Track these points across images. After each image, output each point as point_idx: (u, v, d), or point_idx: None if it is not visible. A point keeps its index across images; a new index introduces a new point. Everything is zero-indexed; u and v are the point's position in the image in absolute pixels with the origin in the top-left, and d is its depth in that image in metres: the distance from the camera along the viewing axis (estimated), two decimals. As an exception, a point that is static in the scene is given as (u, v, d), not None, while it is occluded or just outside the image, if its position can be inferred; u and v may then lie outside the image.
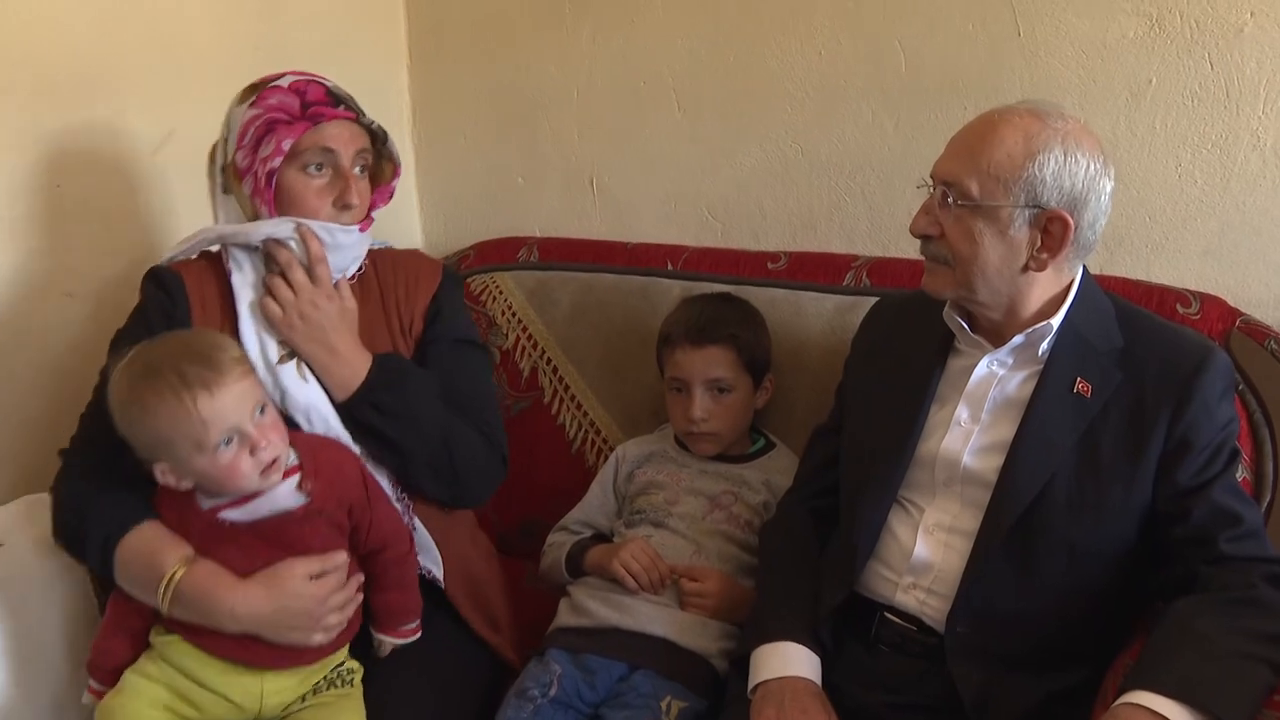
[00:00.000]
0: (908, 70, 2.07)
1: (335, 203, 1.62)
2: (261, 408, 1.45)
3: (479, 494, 1.75)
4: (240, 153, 1.60)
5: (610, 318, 2.22)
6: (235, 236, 1.62)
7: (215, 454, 1.41)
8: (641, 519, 1.88)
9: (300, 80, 1.62)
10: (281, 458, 1.45)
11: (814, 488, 1.76)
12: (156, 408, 1.39)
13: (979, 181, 1.43)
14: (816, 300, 2.04)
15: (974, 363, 1.55)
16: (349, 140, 1.61)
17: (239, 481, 1.43)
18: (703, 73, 2.28)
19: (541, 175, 2.54)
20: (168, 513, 1.50)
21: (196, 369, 1.39)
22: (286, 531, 1.48)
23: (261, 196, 1.60)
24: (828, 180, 2.20)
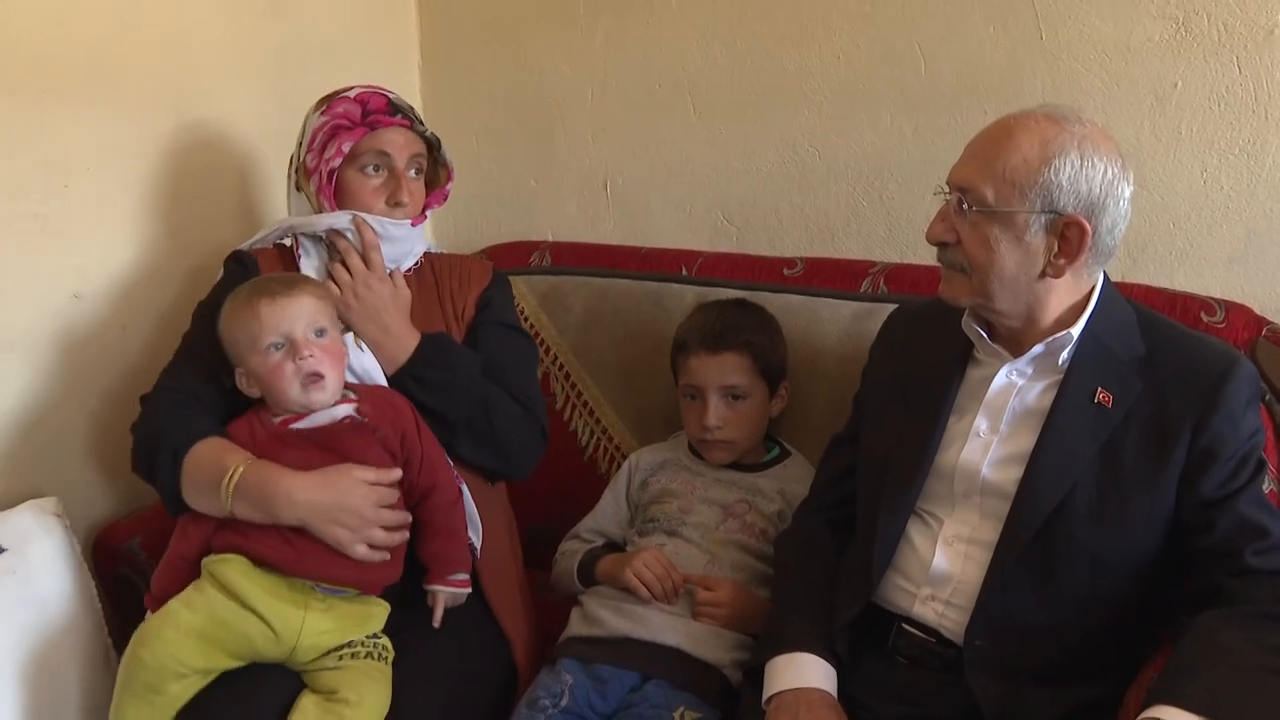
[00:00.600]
0: (927, 74, 2.08)
1: (388, 200, 1.81)
2: (322, 330, 1.63)
3: (520, 463, 1.86)
4: (310, 155, 1.81)
5: (624, 323, 2.22)
6: (302, 227, 1.82)
7: (265, 355, 1.60)
8: (655, 528, 1.89)
9: (366, 92, 1.83)
10: (329, 379, 1.61)
11: (830, 498, 1.76)
12: (235, 309, 1.64)
13: (994, 187, 1.44)
14: (833, 307, 2.04)
15: (993, 372, 1.55)
16: (403, 145, 1.81)
17: (281, 384, 1.60)
18: (719, 75, 2.29)
19: (554, 178, 2.55)
20: (239, 431, 1.64)
21: (273, 284, 1.65)
22: (342, 440, 1.61)
23: (324, 193, 1.80)
24: (845, 185, 2.21)
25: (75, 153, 1.91)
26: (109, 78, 1.95)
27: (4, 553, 1.72)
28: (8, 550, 1.73)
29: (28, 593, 1.72)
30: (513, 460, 1.84)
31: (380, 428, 1.64)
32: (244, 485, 1.55)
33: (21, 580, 1.72)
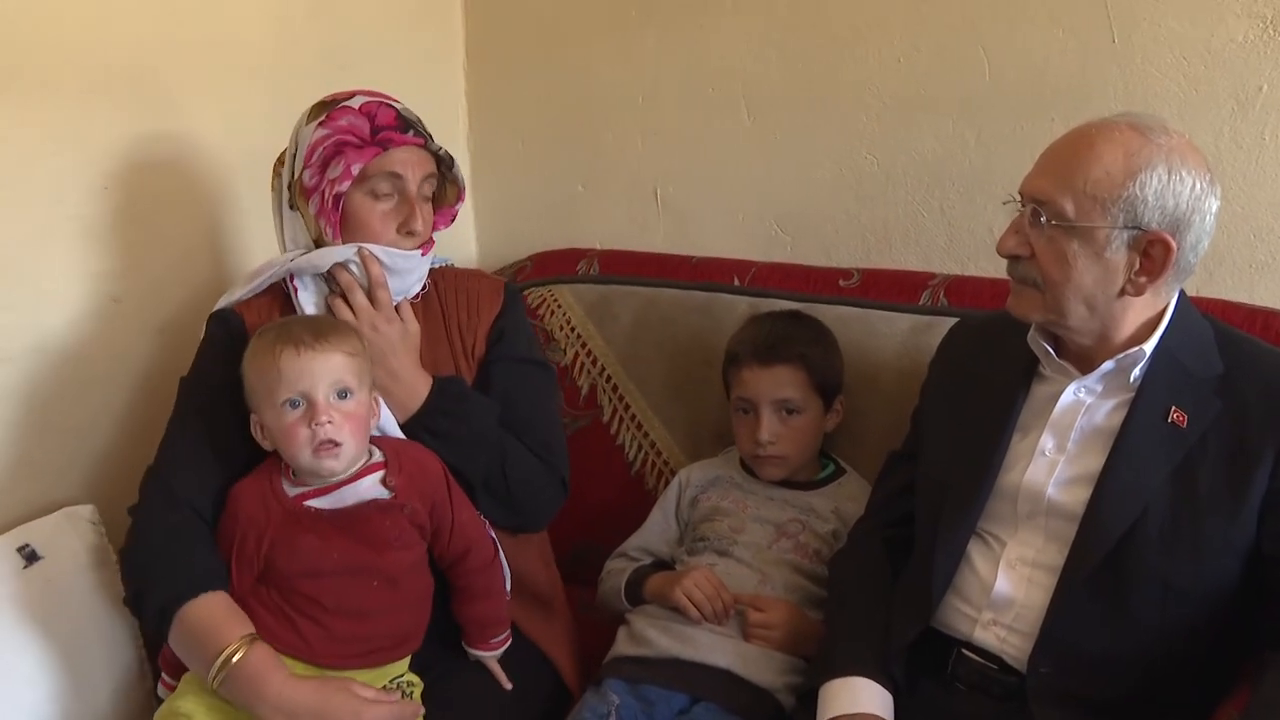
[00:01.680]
0: (991, 79, 2.07)
1: (400, 228, 1.70)
2: (345, 392, 1.54)
3: (536, 519, 1.83)
4: (308, 171, 1.68)
5: (673, 335, 2.23)
6: (304, 270, 1.71)
7: (280, 411, 1.53)
8: (705, 546, 1.89)
9: (371, 102, 1.69)
10: (346, 448, 1.54)
11: (887, 516, 1.76)
12: (258, 353, 1.56)
13: (1074, 200, 1.43)
14: (890, 320, 2.04)
15: (1060, 389, 1.54)
16: (416, 166, 1.69)
17: (292, 448, 1.53)
18: (774, 79, 2.29)
19: (603, 184, 2.55)
20: (249, 499, 1.58)
21: (301, 331, 1.56)
22: (367, 523, 1.56)
23: (327, 218, 1.68)
24: (904, 194, 2.21)
25: (115, 154, 1.94)
26: (150, 78, 1.98)
27: (39, 561, 1.74)
28: (44, 559, 1.75)
29: (61, 602, 1.74)
30: (528, 517, 1.81)
31: (409, 503, 1.58)
32: (236, 673, 1.49)
33: (56, 589, 1.74)
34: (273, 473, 1.60)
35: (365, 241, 1.68)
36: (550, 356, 2.31)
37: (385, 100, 1.72)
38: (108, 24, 1.90)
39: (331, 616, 1.55)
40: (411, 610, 1.62)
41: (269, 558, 1.56)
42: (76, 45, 1.86)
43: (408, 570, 1.60)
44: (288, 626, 1.55)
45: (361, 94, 1.71)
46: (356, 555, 1.56)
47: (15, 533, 1.77)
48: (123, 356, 2.00)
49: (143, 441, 1.99)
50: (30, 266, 1.84)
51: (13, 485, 1.86)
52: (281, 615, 1.55)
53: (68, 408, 1.93)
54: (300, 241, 1.74)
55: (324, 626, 1.55)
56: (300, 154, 1.69)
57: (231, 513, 1.60)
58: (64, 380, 1.92)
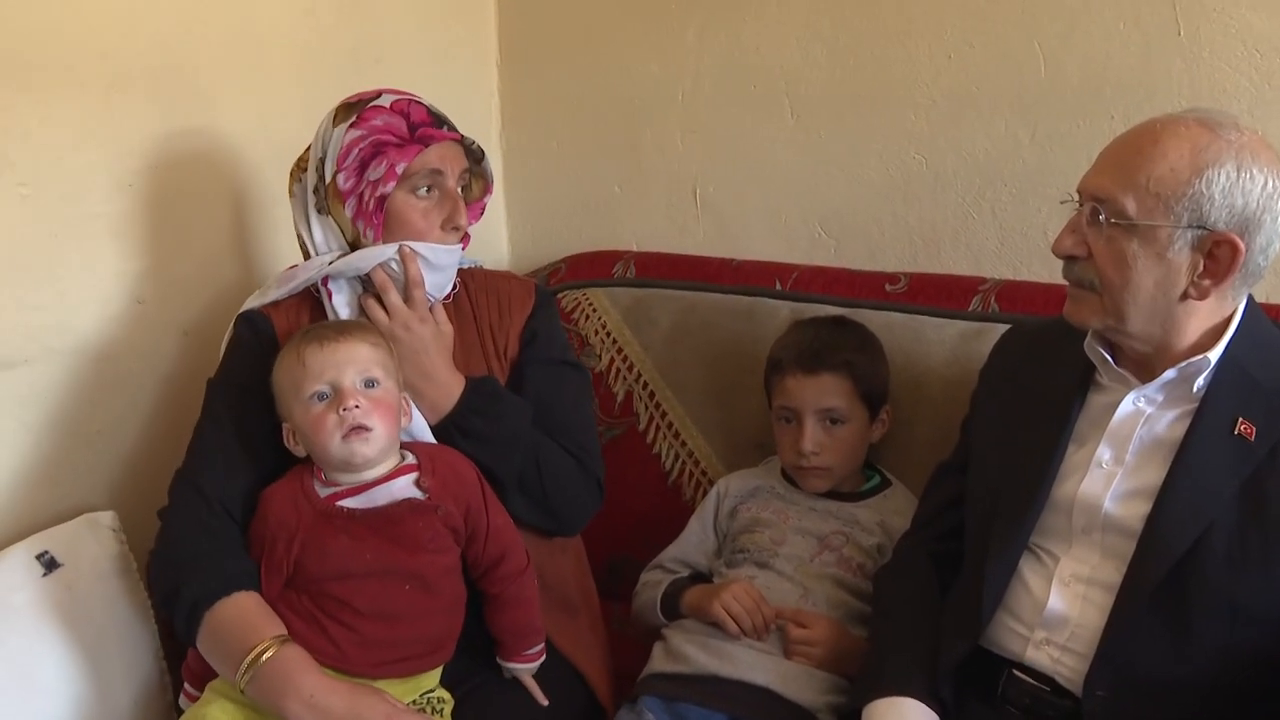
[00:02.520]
0: (1047, 75, 2.06)
1: (445, 224, 1.73)
2: (373, 381, 1.58)
3: (573, 521, 1.84)
4: (343, 174, 1.69)
5: (713, 340, 2.23)
6: (343, 272, 1.72)
7: (308, 406, 1.57)
8: (744, 559, 1.88)
9: (401, 100, 1.72)
10: (376, 433, 1.56)
11: (935, 530, 1.75)
12: (283, 356, 1.62)
13: (1136, 198, 1.41)
14: (939, 326, 2.03)
15: (1118, 398, 1.53)
16: (453, 160, 1.73)
17: (321, 438, 1.56)
18: (819, 75, 2.29)
19: (640, 184, 2.56)
20: (279, 501, 1.60)
21: (323, 327, 1.62)
22: (400, 524, 1.57)
23: (369, 220, 1.69)
24: (954, 195, 2.20)
25: (140, 150, 1.96)
26: (177, 73, 2.00)
27: (59, 568, 1.76)
28: (63, 566, 1.77)
29: (81, 610, 1.76)
30: (563, 520, 1.82)
31: (443, 505, 1.60)
32: (266, 671, 1.50)
33: (77, 598, 1.76)
34: (304, 475, 1.62)
35: (407, 240, 1.70)
36: (584, 362, 2.29)
37: (413, 97, 1.74)
38: (133, 17, 1.93)
39: (363, 620, 1.56)
40: (444, 616, 1.63)
41: (299, 561, 1.57)
42: (101, 39, 1.88)
43: (441, 574, 1.61)
44: (318, 632, 1.55)
45: (388, 92, 1.74)
46: (389, 556, 1.57)
47: (34, 539, 1.79)
48: (146, 358, 2.01)
49: (166, 446, 2.00)
50: (52, 265, 1.86)
51: (32, 490, 1.88)
52: (312, 620, 1.56)
53: (89, 411, 1.95)
54: (332, 245, 1.76)
55: (356, 631, 1.56)
56: (331, 157, 1.71)
57: (261, 516, 1.61)
58: (85, 382, 1.94)
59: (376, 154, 1.67)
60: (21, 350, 1.84)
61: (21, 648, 1.68)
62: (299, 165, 1.80)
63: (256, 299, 1.79)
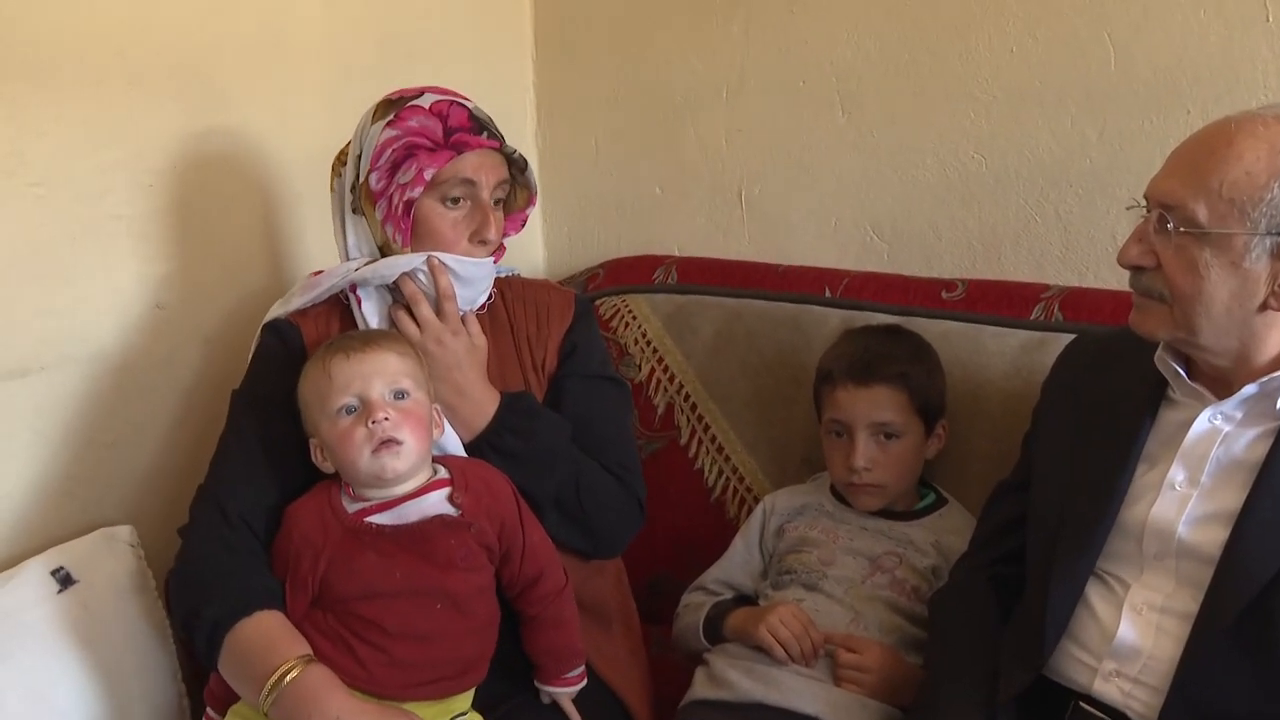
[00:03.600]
0: (1117, 68, 2.04)
1: (472, 237, 1.72)
2: (402, 393, 1.59)
3: (613, 542, 1.84)
4: (375, 174, 1.70)
5: (758, 350, 2.23)
6: (369, 280, 1.73)
7: (335, 420, 1.57)
8: (791, 580, 1.88)
9: (442, 101, 1.71)
10: (407, 446, 1.57)
11: (994, 552, 1.74)
12: (309, 368, 1.63)
13: (1208, 204, 1.39)
14: (999, 336, 2.02)
15: (1192, 415, 1.51)
16: (490, 170, 1.72)
17: (350, 453, 1.56)
18: (871, 71, 2.29)
19: (683, 186, 2.56)
20: (306, 517, 1.61)
21: (349, 340, 1.63)
22: (431, 541, 1.58)
23: (396, 225, 1.70)
24: (1015, 197, 2.19)
25: (161, 149, 1.97)
26: (197, 70, 2.01)
27: (74, 585, 1.78)
28: (79, 583, 1.78)
29: (97, 629, 1.77)
30: (603, 540, 1.82)
31: (477, 522, 1.60)
32: (290, 692, 1.49)
33: (93, 616, 1.77)
34: (331, 490, 1.63)
35: (435, 249, 1.71)
36: (623, 372, 2.31)
37: (456, 99, 1.74)
38: (152, 11, 1.94)
39: (393, 640, 1.56)
40: (477, 636, 1.63)
41: (326, 579, 1.58)
42: (119, 34, 1.90)
43: (474, 593, 1.61)
44: (346, 653, 1.56)
45: (431, 92, 1.73)
46: (419, 575, 1.57)
47: (49, 554, 1.81)
48: (166, 366, 2.03)
49: (187, 458, 2.02)
50: (69, 268, 1.87)
51: (47, 503, 1.90)
52: (339, 641, 1.56)
53: (106, 420, 1.96)
54: (363, 248, 1.77)
55: (385, 652, 1.56)
56: (366, 155, 1.71)
57: (286, 533, 1.62)
58: (103, 391, 1.95)
59: (408, 157, 1.68)
60: (37, 357, 1.85)
61: (35, 668, 1.69)
62: (339, 159, 1.81)
63: (280, 307, 1.80)
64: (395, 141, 1.68)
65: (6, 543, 1.84)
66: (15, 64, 1.77)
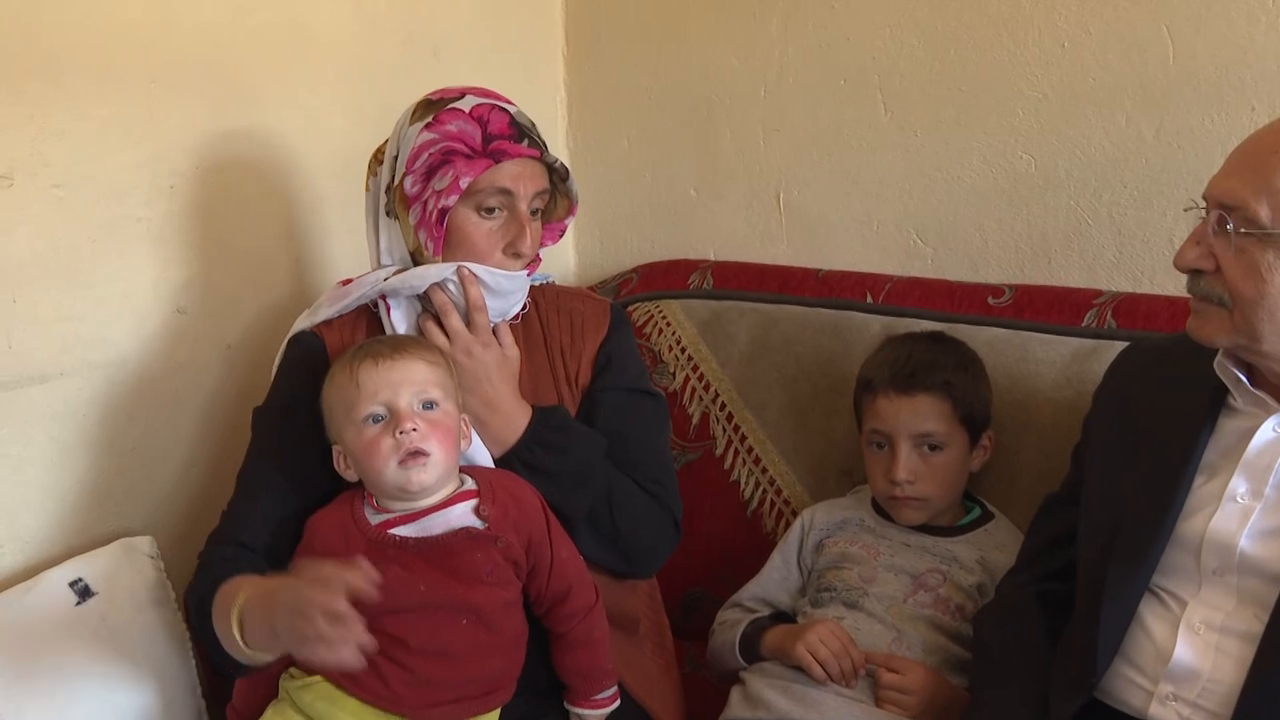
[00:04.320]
0: (1176, 63, 2.03)
1: (506, 249, 1.72)
2: (431, 403, 1.59)
3: (647, 562, 1.84)
4: (410, 178, 1.70)
5: (797, 357, 2.23)
6: (398, 291, 1.73)
7: (361, 428, 1.57)
8: (831, 598, 1.87)
9: (483, 105, 1.70)
10: (435, 458, 1.57)
11: (1043, 568, 1.73)
12: (335, 374, 1.62)
13: (1270, 204, 1.38)
14: (1048, 344, 2.02)
15: (1255, 424, 1.50)
16: (529, 180, 1.71)
17: (376, 463, 1.56)
18: (915, 67, 2.28)
19: (719, 187, 2.56)
20: (327, 528, 1.61)
21: (380, 344, 1.62)
22: (456, 555, 1.58)
23: (430, 232, 1.70)
24: (1066, 198, 2.18)
25: (182, 150, 1.98)
26: (219, 69, 2.02)
27: (93, 597, 1.79)
28: (98, 595, 1.79)
29: (116, 642, 1.78)
30: (636, 561, 1.82)
31: (504, 535, 1.60)
32: (248, 605, 1.46)
33: (112, 629, 1.78)
34: (354, 500, 1.63)
35: (468, 258, 1.70)
36: (657, 380, 2.32)
37: (498, 103, 1.72)
38: (174, 9, 1.95)
39: (417, 657, 1.56)
40: (504, 655, 1.63)
41: None
42: (140, 32, 1.91)
43: (500, 609, 1.61)
44: (368, 670, 1.54)
45: (473, 94, 1.72)
46: (444, 589, 1.57)
47: (68, 565, 1.82)
48: (188, 373, 2.04)
49: (207, 467, 2.04)
50: (89, 272, 1.89)
51: (66, 512, 1.91)
52: None
53: (126, 428, 1.98)
54: (395, 253, 1.77)
55: (408, 669, 1.56)
56: (403, 157, 1.71)
57: (307, 544, 1.62)
58: (123, 398, 1.96)
59: (444, 162, 1.67)
60: (56, 363, 1.87)
61: (53, 681, 1.70)
62: (376, 157, 1.82)
63: (307, 318, 1.80)
64: (432, 145, 1.68)
65: (24, 553, 1.86)
66: (35, 63, 1.78)
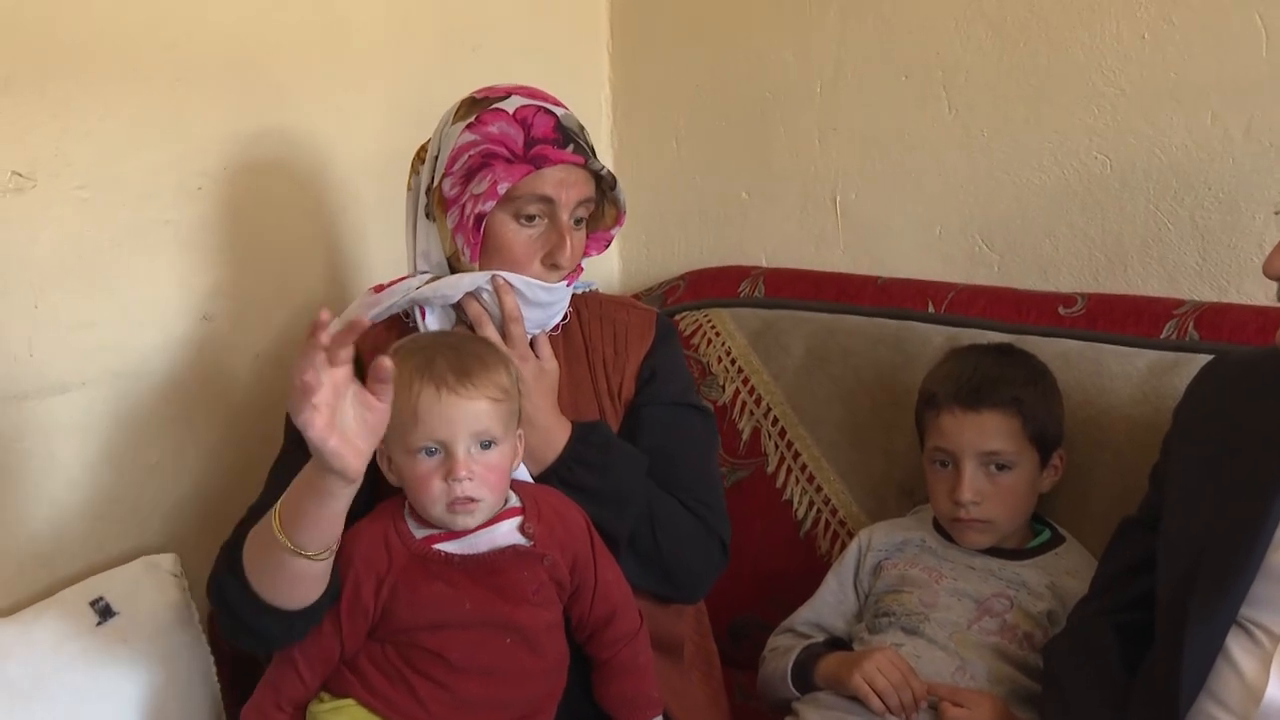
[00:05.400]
0: (1269, 54, 2.01)
1: (545, 259, 1.72)
2: (488, 442, 1.56)
3: (693, 588, 1.84)
4: (449, 180, 1.71)
5: (854, 369, 2.22)
6: (430, 301, 1.73)
7: (414, 457, 1.55)
8: (890, 623, 1.87)
9: (528, 107, 1.70)
10: (483, 505, 1.56)
11: (1120, 597, 1.70)
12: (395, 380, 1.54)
13: None
14: (1124, 357, 2.01)
15: (1354, 446, 1.48)
16: (572, 188, 1.70)
17: (424, 499, 1.56)
18: (983, 62, 2.27)
19: (772, 190, 2.56)
20: (367, 540, 1.60)
21: (445, 366, 1.55)
22: (502, 572, 1.59)
23: (467, 238, 1.70)
24: (1144, 201, 2.16)
25: (211, 150, 2.00)
26: (250, 66, 2.03)
27: (115, 617, 1.80)
28: (119, 615, 1.80)
29: (138, 665, 1.79)
30: (681, 586, 1.82)
31: (549, 554, 1.61)
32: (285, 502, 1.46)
33: (134, 650, 1.79)
34: (395, 513, 1.63)
35: (504, 267, 1.71)
36: (705, 393, 2.32)
37: (545, 104, 1.72)
38: (205, 4, 1.97)
39: (457, 676, 1.56)
40: (545, 678, 1.63)
41: (388, 607, 1.58)
42: (167, 27, 1.92)
43: (544, 630, 1.62)
44: (403, 689, 1.56)
45: (519, 94, 1.73)
46: (490, 607, 1.58)
47: (88, 583, 1.83)
48: (214, 383, 2.05)
49: (234, 482, 2.04)
50: (112, 277, 1.90)
51: (87, 528, 1.92)
52: (396, 676, 1.57)
53: (150, 440, 1.99)
54: (432, 257, 1.77)
55: (447, 688, 1.56)
56: (443, 158, 1.72)
57: (346, 557, 1.60)
58: (147, 409, 1.98)
59: (484, 166, 1.67)
60: (78, 372, 1.88)
61: (72, 705, 1.71)
62: (419, 156, 1.82)
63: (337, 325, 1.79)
64: (473, 147, 1.68)
65: (43, 570, 1.87)
66: (59, 60, 1.80)
